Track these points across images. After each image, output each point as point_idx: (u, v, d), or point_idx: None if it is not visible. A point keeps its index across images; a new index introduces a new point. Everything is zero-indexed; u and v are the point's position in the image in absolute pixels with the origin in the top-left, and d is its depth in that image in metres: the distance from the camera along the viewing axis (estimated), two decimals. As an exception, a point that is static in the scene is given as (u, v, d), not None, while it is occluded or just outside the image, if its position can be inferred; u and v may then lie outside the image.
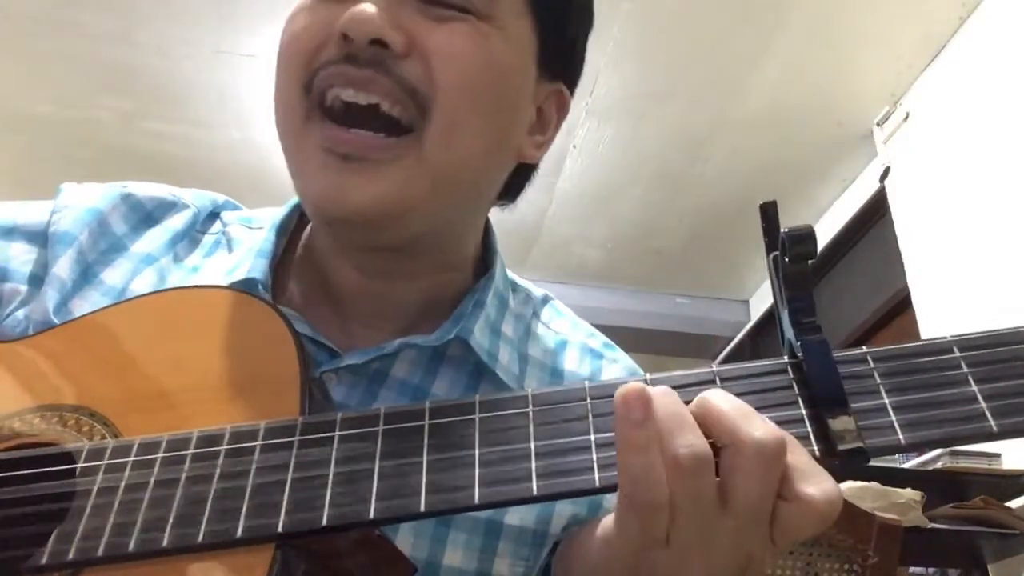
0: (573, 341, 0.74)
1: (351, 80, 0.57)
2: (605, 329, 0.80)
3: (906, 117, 2.95)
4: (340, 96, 0.57)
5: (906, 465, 2.34)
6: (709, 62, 2.86)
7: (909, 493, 1.91)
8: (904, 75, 2.90)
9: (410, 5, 0.59)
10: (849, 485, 1.89)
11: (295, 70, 0.59)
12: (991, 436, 0.42)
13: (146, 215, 0.69)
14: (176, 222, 0.70)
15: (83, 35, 2.81)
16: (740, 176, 3.38)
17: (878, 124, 3.08)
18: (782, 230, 0.45)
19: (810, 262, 0.44)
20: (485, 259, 0.74)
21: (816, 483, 0.40)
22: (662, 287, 4.22)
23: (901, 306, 3.05)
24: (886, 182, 3.07)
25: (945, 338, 0.45)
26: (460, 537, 0.60)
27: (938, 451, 2.23)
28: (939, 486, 2.11)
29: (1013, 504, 2.12)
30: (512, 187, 0.73)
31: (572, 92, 0.72)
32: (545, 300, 0.78)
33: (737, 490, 0.39)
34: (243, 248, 0.67)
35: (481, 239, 0.74)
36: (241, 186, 3.19)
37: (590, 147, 3.28)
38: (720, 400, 0.41)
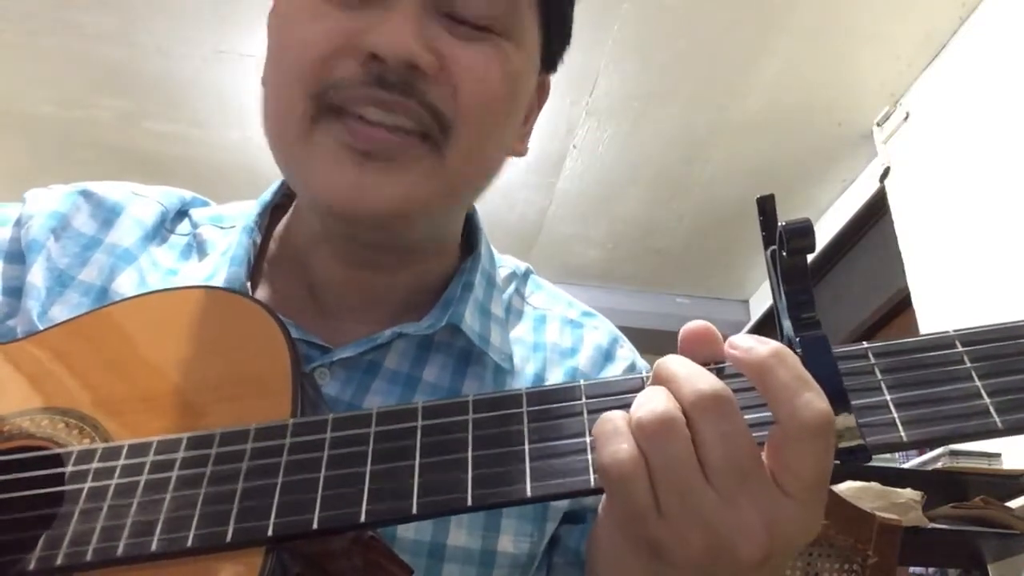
0: (553, 314, 0.74)
1: (379, 102, 0.56)
2: (605, 329, 0.79)
3: (906, 117, 2.94)
4: (362, 114, 0.56)
5: (906, 465, 2.34)
6: (709, 62, 2.86)
7: (909, 493, 1.91)
8: (904, 75, 2.89)
9: (437, 22, 0.58)
10: (849, 485, 1.89)
11: (303, 77, 0.57)
12: (996, 433, 0.41)
13: (112, 207, 0.68)
14: (144, 214, 0.69)
15: (83, 35, 2.81)
16: (740, 176, 3.38)
17: (878, 124, 3.08)
18: (780, 224, 0.44)
19: (808, 256, 0.43)
20: (469, 237, 0.73)
21: (804, 399, 0.39)
22: (662, 287, 4.21)
23: (901, 306, 3.05)
24: (886, 182, 3.07)
25: (947, 332, 0.44)
26: (463, 517, 0.60)
27: (938, 451, 2.23)
28: (939, 486, 2.11)
29: (1013, 504, 2.12)
30: None
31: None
32: (526, 275, 0.78)
33: (712, 450, 0.39)
34: (216, 252, 0.67)
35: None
36: (241, 186, 3.18)
37: (590, 147, 3.28)
38: (678, 363, 0.42)
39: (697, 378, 0.40)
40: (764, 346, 0.40)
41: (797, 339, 0.43)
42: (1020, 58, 2.41)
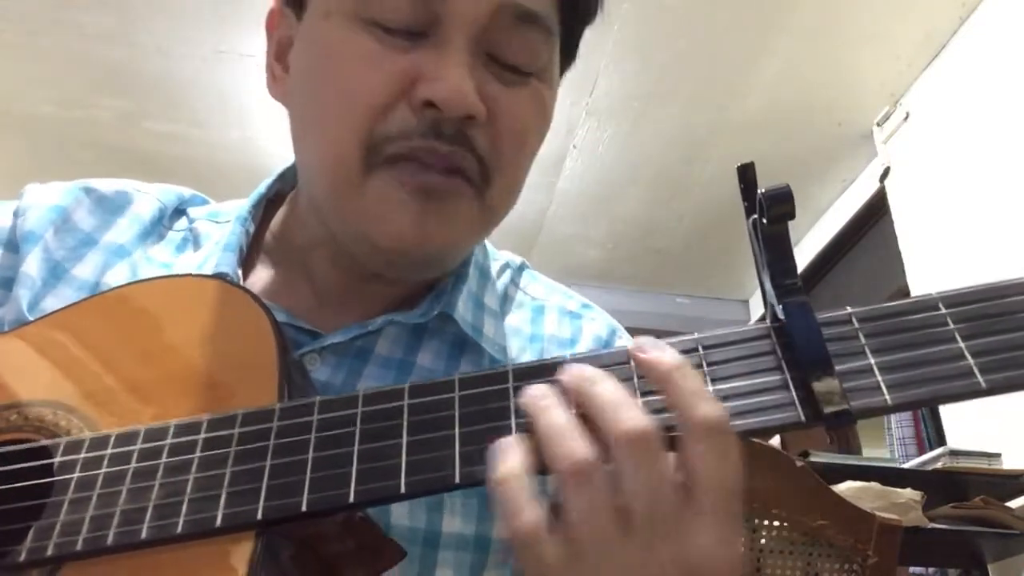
0: (551, 305, 0.74)
1: (434, 152, 0.56)
2: (602, 331, 0.79)
3: (906, 117, 2.94)
4: (416, 158, 0.57)
5: (906, 465, 2.33)
6: (709, 62, 2.86)
7: (909, 493, 1.91)
8: (904, 75, 2.89)
9: (482, 62, 0.58)
10: (849, 485, 1.89)
11: (356, 127, 0.57)
12: (980, 393, 0.41)
13: (112, 206, 0.68)
14: (143, 210, 0.69)
15: (83, 35, 2.81)
16: (740, 176, 3.37)
17: (878, 124, 3.08)
18: (760, 191, 0.43)
19: (789, 222, 0.43)
20: None
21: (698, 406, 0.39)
22: (662, 287, 4.21)
23: (901, 306, 3.04)
24: (886, 182, 3.07)
25: (931, 295, 0.44)
26: (456, 502, 0.59)
27: (938, 451, 2.23)
28: (939, 486, 2.11)
29: (1013, 504, 2.11)
30: None
31: None
32: (521, 267, 0.78)
33: (632, 499, 0.39)
34: (210, 243, 0.67)
35: None
36: (241, 186, 3.16)
37: (590, 147, 3.27)
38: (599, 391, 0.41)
39: (625, 410, 0.40)
40: (668, 352, 0.42)
41: (780, 306, 0.43)
42: (1020, 58, 2.41)
